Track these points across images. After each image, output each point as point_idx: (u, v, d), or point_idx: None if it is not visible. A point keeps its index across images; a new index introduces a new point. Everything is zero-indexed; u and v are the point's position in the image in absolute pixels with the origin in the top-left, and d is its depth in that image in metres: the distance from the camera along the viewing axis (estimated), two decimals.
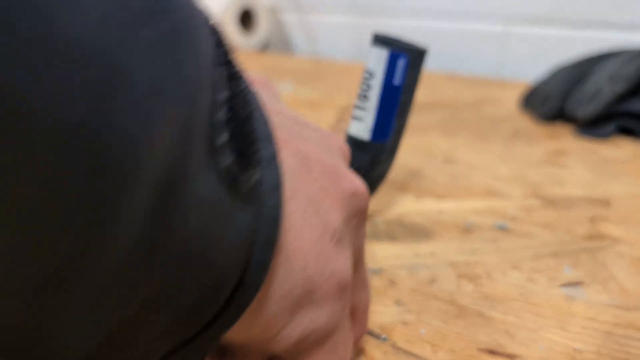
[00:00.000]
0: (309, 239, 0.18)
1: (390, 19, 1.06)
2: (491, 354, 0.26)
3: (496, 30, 0.93)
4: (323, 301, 0.18)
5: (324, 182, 0.19)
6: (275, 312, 0.17)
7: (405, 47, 0.32)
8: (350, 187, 0.20)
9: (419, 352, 0.26)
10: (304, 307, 0.18)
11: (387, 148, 0.34)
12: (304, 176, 0.19)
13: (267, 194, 0.16)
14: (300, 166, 0.19)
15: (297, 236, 0.17)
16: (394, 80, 0.32)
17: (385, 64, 0.32)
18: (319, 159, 0.20)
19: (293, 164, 0.18)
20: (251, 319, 0.17)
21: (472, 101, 0.72)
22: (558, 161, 0.51)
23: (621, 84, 0.57)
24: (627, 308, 0.29)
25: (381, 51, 0.32)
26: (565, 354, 0.26)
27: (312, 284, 0.18)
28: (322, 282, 0.18)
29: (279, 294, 0.17)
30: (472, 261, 0.34)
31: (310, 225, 0.18)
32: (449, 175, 0.48)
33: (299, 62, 1.05)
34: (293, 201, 0.18)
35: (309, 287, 0.18)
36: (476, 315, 0.29)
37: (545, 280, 0.32)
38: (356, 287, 0.22)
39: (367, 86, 0.33)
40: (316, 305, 0.18)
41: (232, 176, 0.14)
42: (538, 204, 0.42)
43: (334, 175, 0.20)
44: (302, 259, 0.18)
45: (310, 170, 0.19)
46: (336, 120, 0.66)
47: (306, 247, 0.18)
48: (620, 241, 0.36)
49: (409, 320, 0.28)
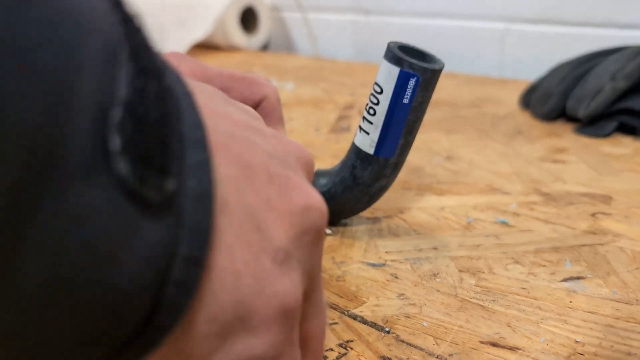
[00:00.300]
0: (242, 258, 0.16)
1: (392, 17, 1.06)
2: (493, 346, 0.26)
3: (497, 28, 0.93)
4: (261, 327, 0.16)
5: (269, 193, 0.17)
6: (200, 339, 0.15)
7: (417, 66, 0.31)
8: (303, 201, 0.18)
9: (421, 344, 0.26)
10: (235, 334, 0.16)
11: (391, 163, 0.34)
12: (242, 186, 0.16)
13: (190, 205, 0.14)
14: (239, 175, 0.17)
15: (227, 254, 0.15)
16: (403, 99, 0.31)
17: (396, 82, 0.31)
18: (265, 168, 0.17)
19: (230, 171, 0.16)
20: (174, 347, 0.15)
21: (473, 99, 0.72)
22: (559, 158, 0.51)
23: (623, 81, 0.57)
24: (628, 302, 0.29)
25: (392, 68, 0.31)
26: (567, 346, 0.26)
27: (245, 308, 0.16)
28: (259, 305, 0.16)
29: (204, 318, 0.15)
30: (474, 256, 0.34)
31: (245, 241, 0.16)
32: (450, 171, 0.48)
33: (301, 61, 1.05)
34: (225, 214, 0.15)
35: (242, 312, 0.16)
36: (478, 309, 0.29)
37: (546, 275, 0.32)
38: (309, 314, 0.19)
39: (376, 100, 0.32)
40: (252, 332, 0.16)
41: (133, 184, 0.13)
42: (539, 200, 0.42)
43: (282, 186, 0.18)
44: (233, 280, 0.15)
45: (252, 179, 0.17)
46: (337, 119, 0.66)
47: (239, 267, 0.16)
48: (622, 236, 0.36)
49: (412, 313, 0.28)
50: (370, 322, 0.28)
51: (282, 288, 0.16)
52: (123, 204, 0.13)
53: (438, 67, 0.31)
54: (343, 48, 1.14)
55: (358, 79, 0.87)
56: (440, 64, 0.32)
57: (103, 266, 0.12)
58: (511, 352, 0.25)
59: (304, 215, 0.18)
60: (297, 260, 0.18)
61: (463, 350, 0.26)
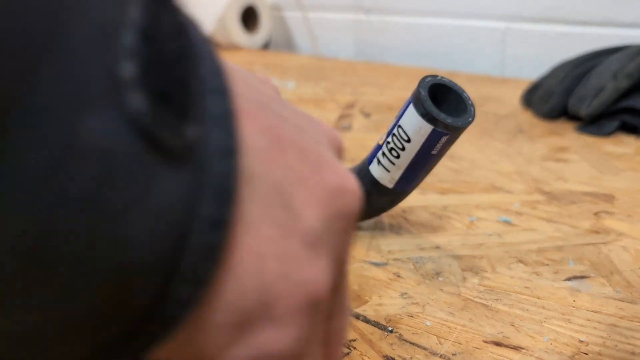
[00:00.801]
0: (268, 236, 0.14)
1: (392, 16, 1.06)
2: (497, 345, 0.26)
3: (498, 28, 0.93)
4: (286, 319, 0.14)
5: (300, 170, 0.15)
6: (216, 327, 0.13)
7: (451, 126, 0.29)
8: (337, 181, 0.16)
9: (424, 343, 0.26)
10: (256, 324, 0.14)
11: (407, 192, 0.34)
12: (272, 158, 0.14)
13: (212, 161, 0.12)
14: (268, 146, 0.14)
15: (251, 230, 0.13)
16: (432, 151, 0.31)
17: (426, 139, 0.30)
18: (296, 143, 0.15)
19: (258, 142, 0.14)
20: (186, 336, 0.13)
21: (475, 98, 0.72)
22: (561, 157, 0.51)
23: (625, 80, 0.57)
24: (631, 301, 0.29)
25: (424, 124, 0.30)
26: (571, 346, 0.26)
27: (269, 295, 0.14)
28: (284, 293, 0.14)
29: (222, 303, 0.13)
30: (477, 255, 0.34)
31: (272, 219, 0.14)
32: (452, 170, 0.48)
33: (301, 60, 1.05)
34: (250, 187, 0.13)
35: (266, 299, 0.14)
36: (481, 308, 0.29)
37: (550, 274, 0.32)
38: (333, 312, 0.17)
39: (401, 146, 0.31)
40: (275, 324, 0.14)
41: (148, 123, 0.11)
42: (542, 199, 0.42)
43: (315, 164, 0.16)
44: (257, 260, 0.13)
45: (283, 153, 0.15)
46: (338, 118, 0.66)
47: (264, 246, 0.14)
48: (625, 235, 0.36)
49: (415, 313, 0.28)
50: (373, 321, 0.28)
51: (311, 275, 0.14)
52: (136, 144, 0.11)
53: (471, 119, 0.30)
54: (344, 47, 1.14)
55: (359, 78, 0.87)
56: (472, 113, 0.30)
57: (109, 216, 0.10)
58: (515, 351, 0.25)
59: (338, 197, 0.16)
60: (328, 247, 0.15)
61: (466, 349, 0.26)
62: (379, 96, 0.75)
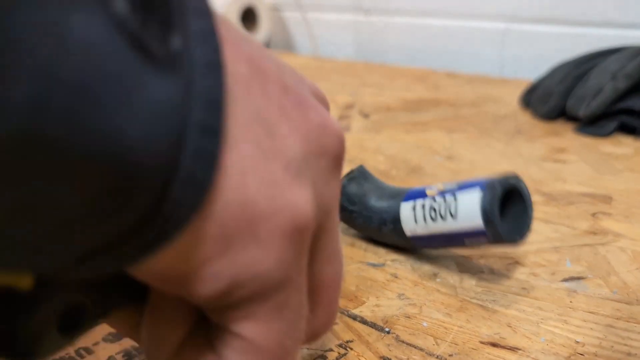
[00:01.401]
0: (250, 156, 0.13)
1: (392, 17, 1.06)
2: (493, 346, 0.26)
3: (497, 28, 0.93)
4: (269, 240, 0.14)
5: (283, 102, 0.15)
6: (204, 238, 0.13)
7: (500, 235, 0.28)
8: (319, 120, 0.16)
9: (421, 344, 0.26)
10: (241, 240, 0.14)
11: (414, 247, 0.34)
12: (253, 86, 0.14)
13: (200, 72, 0.12)
14: (249, 73, 0.14)
15: (234, 148, 0.13)
16: (465, 240, 0.30)
17: (471, 230, 0.29)
18: (279, 78, 0.15)
19: (239, 68, 0.14)
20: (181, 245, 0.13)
21: (474, 99, 0.72)
22: (559, 158, 0.51)
23: (623, 81, 0.57)
24: (628, 302, 0.29)
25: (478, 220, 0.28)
26: (567, 347, 0.26)
27: (253, 213, 0.14)
28: (267, 213, 0.14)
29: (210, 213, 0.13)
30: (474, 255, 0.34)
31: (254, 141, 0.14)
32: (450, 171, 0.48)
33: (301, 60, 1.05)
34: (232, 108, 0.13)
35: (250, 216, 0.13)
36: (478, 309, 0.29)
37: (547, 275, 0.32)
38: (322, 257, 0.17)
39: (443, 215, 0.30)
40: (259, 244, 0.14)
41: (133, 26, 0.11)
42: (540, 200, 0.42)
43: (298, 100, 0.15)
44: (240, 178, 0.13)
45: (265, 83, 0.15)
46: (338, 118, 0.66)
47: (247, 165, 0.13)
48: (622, 236, 0.36)
49: (412, 313, 0.28)
50: (370, 322, 0.28)
51: (293, 199, 0.14)
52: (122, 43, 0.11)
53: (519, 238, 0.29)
54: (343, 47, 1.14)
55: (358, 79, 0.87)
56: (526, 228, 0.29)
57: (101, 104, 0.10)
58: (511, 352, 0.25)
59: (321, 135, 0.16)
60: (311, 181, 0.15)
61: (463, 350, 0.26)
62: (379, 97, 0.76)
